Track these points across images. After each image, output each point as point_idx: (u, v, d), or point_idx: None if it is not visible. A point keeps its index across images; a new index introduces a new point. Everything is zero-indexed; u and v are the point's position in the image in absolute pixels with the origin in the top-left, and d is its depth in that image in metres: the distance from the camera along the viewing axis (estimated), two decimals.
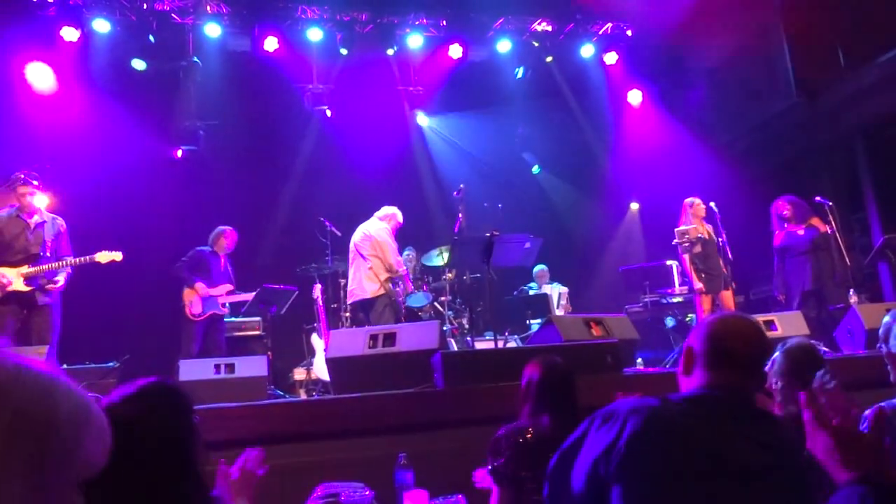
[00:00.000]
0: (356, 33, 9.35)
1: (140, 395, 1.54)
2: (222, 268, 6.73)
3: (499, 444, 2.59)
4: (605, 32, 9.97)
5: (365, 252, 6.45)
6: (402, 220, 6.85)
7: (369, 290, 6.36)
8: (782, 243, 6.78)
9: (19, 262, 5.37)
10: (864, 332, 5.17)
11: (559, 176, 10.68)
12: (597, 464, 1.56)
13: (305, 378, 7.17)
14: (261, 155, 9.27)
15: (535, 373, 2.76)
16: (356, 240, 6.60)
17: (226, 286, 6.65)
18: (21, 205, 5.49)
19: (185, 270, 6.49)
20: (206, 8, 8.77)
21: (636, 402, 1.61)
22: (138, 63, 8.65)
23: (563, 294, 8.85)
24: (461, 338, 7.57)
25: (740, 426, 1.57)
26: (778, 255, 6.86)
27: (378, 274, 6.38)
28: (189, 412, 1.57)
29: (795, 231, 6.71)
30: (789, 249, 6.73)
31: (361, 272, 6.43)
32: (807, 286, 6.55)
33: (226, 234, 6.76)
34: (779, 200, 6.82)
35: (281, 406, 4.27)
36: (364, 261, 6.43)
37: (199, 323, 6.42)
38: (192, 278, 6.45)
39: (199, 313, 6.42)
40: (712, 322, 1.73)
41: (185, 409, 1.56)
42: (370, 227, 6.62)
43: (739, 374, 1.65)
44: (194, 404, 1.62)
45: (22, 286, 5.32)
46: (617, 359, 4.41)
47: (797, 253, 6.67)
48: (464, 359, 4.55)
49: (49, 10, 8.22)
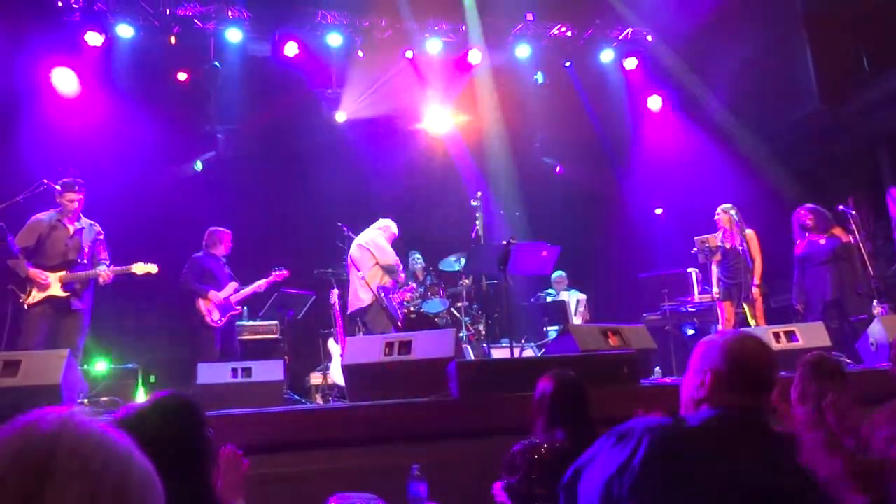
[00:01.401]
0: (376, 38, 9.40)
1: (154, 408, 1.55)
2: (224, 269, 6.70)
3: (514, 460, 2.57)
4: (626, 38, 9.92)
5: (359, 263, 6.56)
6: (396, 231, 6.99)
7: (364, 298, 6.49)
8: (803, 252, 6.68)
9: (57, 267, 5.42)
10: (886, 344, 5.07)
11: (578, 181, 10.62)
12: (610, 483, 1.54)
13: (322, 383, 7.18)
14: (279, 159, 9.33)
15: (549, 387, 2.74)
16: (351, 252, 6.73)
17: (232, 284, 6.64)
18: (65, 210, 5.53)
19: (194, 282, 6.44)
20: (228, 13, 8.87)
21: (651, 422, 1.59)
22: (181, 75, 8.85)
23: (582, 301, 8.79)
24: (478, 344, 7.55)
25: (756, 448, 1.55)
26: (798, 265, 6.75)
27: (370, 283, 6.47)
28: (202, 425, 1.57)
29: (817, 240, 6.59)
30: (810, 259, 6.62)
31: (355, 283, 6.57)
32: (827, 296, 6.44)
33: (223, 236, 6.67)
34: (800, 209, 6.72)
35: (295, 413, 4.28)
36: (357, 271, 6.53)
37: (217, 329, 6.46)
38: (204, 288, 6.43)
39: (219, 319, 6.46)
40: (730, 343, 1.70)
41: (198, 423, 1.57)
42: (365, 237, 6.78)
43: (758, 395, 1.63)
44: (210, 409, 1.63)
45: (59, 291, 5.37)
46: (634, 370, 4.38)
47: (817, 262, 6.55)
48: (479, 368, 4.54)
49: (74, 16, 8.36)
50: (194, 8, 8.72)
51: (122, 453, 0.77)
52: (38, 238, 5.42)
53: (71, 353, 4.50)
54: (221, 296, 6.47)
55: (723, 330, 6.05)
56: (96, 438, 0.76)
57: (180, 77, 8.94)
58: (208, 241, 6.67)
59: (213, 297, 6.41)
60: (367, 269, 6.54)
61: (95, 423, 0.78)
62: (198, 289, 6.42)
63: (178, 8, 8.68)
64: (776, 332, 5.17)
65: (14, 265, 5.29)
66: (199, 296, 6.42)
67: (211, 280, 6.50)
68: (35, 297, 5.31)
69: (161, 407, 1.58)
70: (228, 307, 6.54)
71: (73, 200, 5.53)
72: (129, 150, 8.08)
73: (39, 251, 5.42)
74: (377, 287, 6.50)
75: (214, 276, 6.55)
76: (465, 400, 4.01)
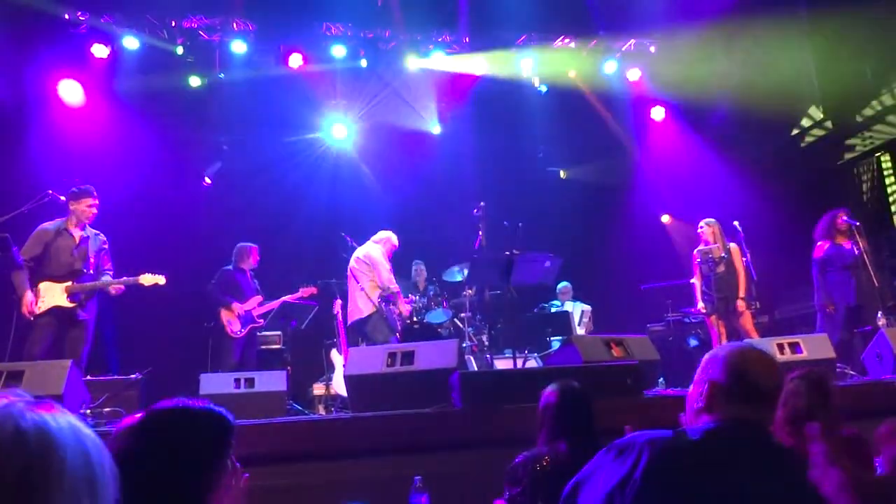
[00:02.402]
0: (380, 50, 9.45)
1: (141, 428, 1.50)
2: (251, 283, 6.89)
3: (516, 472, 2.56)
4: (629, 49, 9.95)
5: (358, 275, 6.59)
6: (396, 243, 6.98)
7: (364, 309, 6.49)
8: (825, 255, 6.49)
9: (63, 277, 5.41)
10: (892, 356, 5.05)
11: (582, 192, 10.62)
12: (612, 496, 1.54)
13: (324, 393, 7.17)
14: (283, 170, 9.36)
15: (552, 397, 2.73)
16: (351, 264, 6.74)
17: (256, 298, 6.80)
18: (80, 217, 5.53)
19: (219, 293, 6.62)
20: (234, 25, 8.94)
21: (652, 434, 1.58)
22: (195, 80, 8.91)
23: (586, 312, 8.77)
24: (481, 355, 7.53)
25: (757, 461, 1.54)
26: (818, 268, 6.54)
27: (370, 295, 6.49)
28: (188, 446, 1.47)
29: (843, 244, 6.47)
30: (832, 262, 6.45)
31: (355, 294, 6.59)
32: (851, 301, 6.32)
33: (251, 251, 6.91)
34: (839, 211, 6.52)
35: (297, 424, 4.27)
36: (357, 283, 6.56)
37: (237, 340, 6.54)
38: (227, 299, 6.58)
39: (239, 330, 6.55)
40: (731, 355, 1.69)
41: (184, 443, 1.47)
42: (364, 251, 6.77)
43: (760, 408, 1.63)
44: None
45: (66, 302, 5.37)
46: (637, 381, 4.36)
47: (842, 266, 6.40)
48: (482, 379, 4.53)
49: (81, 28, 8.43)
50: (200, 20, 8.79)
51: (48, 443, 0.76)
52: (45, 247, 5.41)
53: (74, 364, 4.50)
54: (245, 308, 6.58)
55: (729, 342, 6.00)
56: (14, 422, 0.75)
57: (192, 83, 8.97)
58: (236, 255, 6.88)
59: (236, 309, 6.55)
60: (366, 281, 6.56)
61: (33, 407, 0.77)
62: (221, 299, 6.58)
63: (183, 20, 8.75)
64: (780, 344, 5.14)
65: (14, 278, 5.27)
66: (222, 306, 6.57)
67: (237, 292, 6.68)
68: (41, 306, 5.31)
69: (192, 418, 1.49)
70: (250, 319, 6.70)
71: (91, 206, 5.55)
72: (133, 160, 8.11)
73: (46, 261, 5.40)
74: (378, 297, 6.50)
75: (241, 289, 6.73)
76: (468, 411, 4.00)
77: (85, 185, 5.63)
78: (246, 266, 6.89)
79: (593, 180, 10.49)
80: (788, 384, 2.55)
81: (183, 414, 1.50)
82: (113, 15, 8.50)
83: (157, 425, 1.48)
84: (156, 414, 1.50)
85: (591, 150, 10.46)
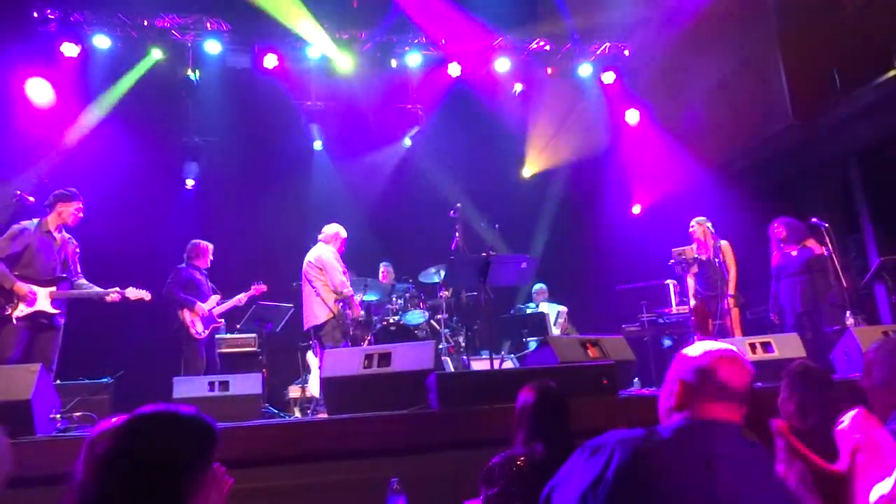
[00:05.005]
0: (355, 51, 9.43)
1: (128, 430, 1.49)
2: (207, 281, 6.64)
3: (492, 473, 2.57)
4: (603, 52, 10.06)
5: (312, 279, 6.44)
6: (345, 235, 6.75)
7: (320, 315, 6.35)
8: (777, 264, 6.88)
9: (47, 282, 5.27)
10: (860, 354, 5.15)
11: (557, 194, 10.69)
12: (585, 496, 1.55)
13: (300, 396, 7.13)
14: (257, 171, 9.29)
15: (529, 398, 2.74)
16: (304, 267, 6.56)
17: (215, 297, 6.58)
18: (63, 221, 5.40)
19: (179, 293, 6.35)
20: (207, 25, 8.84)
21: (624, 434, 1.61)
22: (169, 79, 8.79)
23: (562, 313, 8.83)
24: (457, 356, 7.55)
25: (725, 458, 1.57)
26: (774, 277, 6.93)
27: (326, 299, 6.36)
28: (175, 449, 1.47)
29: (789, 252, 6.79)
30: (783, 270, 6.82)
31: (311, 299, 6.43)
32: (797, 307, 6.63)
33: (205, 249, 6.62)
34: (775, 222, 6.91)
35: (273, 427, 4.24)
36: (312, 288, 6.42)
37: (201, 341, 6.37)
38: (189, 299, 6.33)
39: (202, 331, 6.36)
40: (701, 354, 1.72)
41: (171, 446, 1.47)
42: (314, 253, 6.58)
43: (729, 406, 1.65)
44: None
45: (49, 307, 5.24)
46: (613, 381, 4.40)
47: (789, 274, 6.76)
48: (458, 380, 4.54)
49: (50, 26, 8.28)
50: (172, 19, 8.69)
51: None
52: (25, 248, 5.24)
53: (44, 368, 4.41)
54: (206, 308, 6.40)
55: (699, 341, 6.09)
56: None
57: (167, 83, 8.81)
58: (191, 252, 6.58)
59: (198, 310, 6.34)
60: (319, 285, 6.40)
61: None
62: (184, 299, 6.30)
63: (156, 19, 8.64)
64: (752, 343, 5.23)
65: None
66: (184, 307, 6.31)
67: (194, 291, 6.42)
68: (23, 310, 5.16)
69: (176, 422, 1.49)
70: (211, 320, 6.48)
71: (79, 210, 5.44)
72: (104, 161, 7.98)
73: (29, 263, 5.24)
74: (334, 301, 6.38)
75: (198, 287, 6.46)
76: (445, 412, 4.01)
77: (69, 190, 5.51)
78: (200, 264, 6.57)
79: (569, 182, 10.56)
80: (793, 377, 2.70)
81: (170, 417, 1.50)
82: (83, 13, 8.36)
83: (145, 427, 1.48)
84: (143, 416, 1.50)
85: (567, 151, 10.52)
